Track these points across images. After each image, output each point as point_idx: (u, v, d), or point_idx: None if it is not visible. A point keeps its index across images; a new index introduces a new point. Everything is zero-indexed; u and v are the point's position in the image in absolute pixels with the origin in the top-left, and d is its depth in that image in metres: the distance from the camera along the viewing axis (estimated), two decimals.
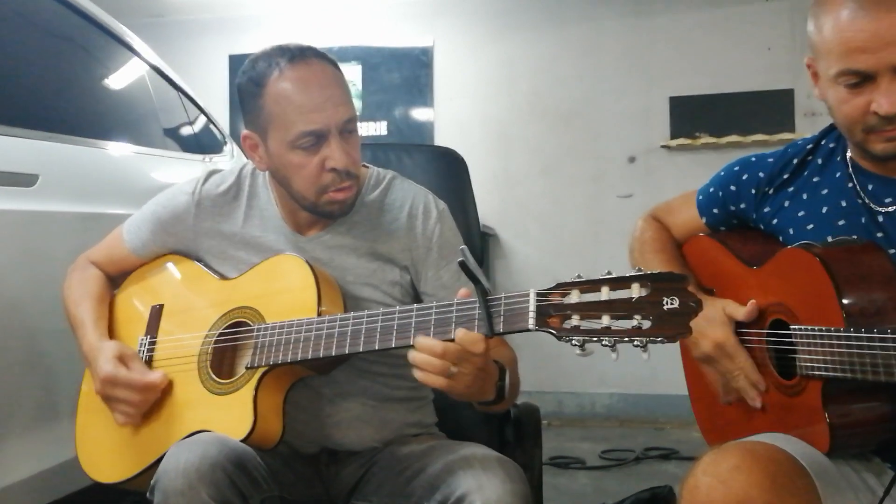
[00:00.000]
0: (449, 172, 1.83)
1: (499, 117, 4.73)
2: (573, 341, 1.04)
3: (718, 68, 4.44)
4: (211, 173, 1.57)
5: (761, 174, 1.44)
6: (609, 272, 1.05)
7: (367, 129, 4.82)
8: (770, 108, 4.37)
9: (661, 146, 4.51)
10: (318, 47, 1.40)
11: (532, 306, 1.08)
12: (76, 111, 2.15)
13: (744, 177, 1.47)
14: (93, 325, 1.49)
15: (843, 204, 1.32)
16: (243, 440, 1.27)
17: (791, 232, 1.38)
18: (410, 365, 1.17)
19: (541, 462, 1.63)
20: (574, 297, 1.06)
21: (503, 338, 1.25)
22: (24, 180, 1.73)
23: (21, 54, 1.99)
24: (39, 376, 1.75)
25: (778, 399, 1.30)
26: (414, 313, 1.21)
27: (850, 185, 1.33)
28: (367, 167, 1.54)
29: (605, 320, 1.03)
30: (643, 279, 1.02)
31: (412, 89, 4.84)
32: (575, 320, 1.05)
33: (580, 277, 1.07)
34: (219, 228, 1.52)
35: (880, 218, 1.29)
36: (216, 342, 1.42)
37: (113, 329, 1.55)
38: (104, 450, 1.48)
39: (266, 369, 1.32)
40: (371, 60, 4.87)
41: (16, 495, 1.65)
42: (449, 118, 4.79)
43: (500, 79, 4.72)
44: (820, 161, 1.39)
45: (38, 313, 1.72)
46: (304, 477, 1.42)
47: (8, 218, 1.66)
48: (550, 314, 1.07)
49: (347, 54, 4.81)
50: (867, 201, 1.30)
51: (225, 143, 2.99)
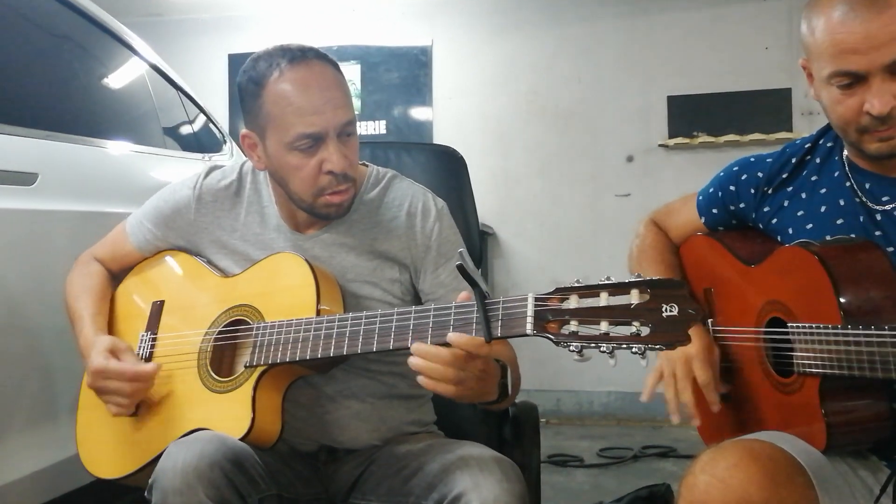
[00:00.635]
0: (448, 171, 1.83)
1: (497, 117, 4.72)
2: (571, 347, 1.03)
3: (716, 68, 4.44)
4: (212, 169, 1.57)
5: (760, 174, 1.44)
6: (608, 277, 1.04)
7: (366, 129, 4.81)
8: (768, 108, 4.36)
9: (659, 145, 4.51)
10: (318, 47, 1.40)
11: (530, 311, 1.08)
12: (75, 110, 2.15)
13: (743, 177, 1.47)
14: (90, 320, 1.49)
15: (842, 203, 1.33)
16: (242, 439, 1.28)
17: (790, 231, 1.38)
18: (410, 365, 1.17)
19: (539, 460, 1.63)
20: (573, 303, 1.05)
21: None
22: (24, 179, 1.73)
23: (20, 53, 1.99)
24: (39, 374, 1.75)
25: (775, 397, 1.31)
26: (412, 316, 1.21)
27: (848, 185, 1.33)
28: (367, 165, 1.54)
29: (604, 326, 1.02)
30: (642, 285, 1.01)
31: (411, 89, 4.84)
32: (573, 326, 1.04)
33: (579, 282, 1.06)
34: (219, 223, 1.52)
35: (878, 216, 1.29)
36: (216, 340, 1.42)
37: (113, 324, 1.55)
38: (104, 446, 1.48)
39: (265, 368, 1.32)
40: (370, 60, 4.86)
41: (16, 493, 1.65)
42: (448, 117, 4.78)
43: (499, 78, 4.72)
44: (818, 160, 1.39)
45: (38, 312, 1.72)
46: (303, 475, 1.42)
47: (7, 217, 1.65)
48: (548, 319, 1.06)
49: (346, 53, 4.81)
50: (865, 200, 1.31)
51: (224, 143, 2.99)
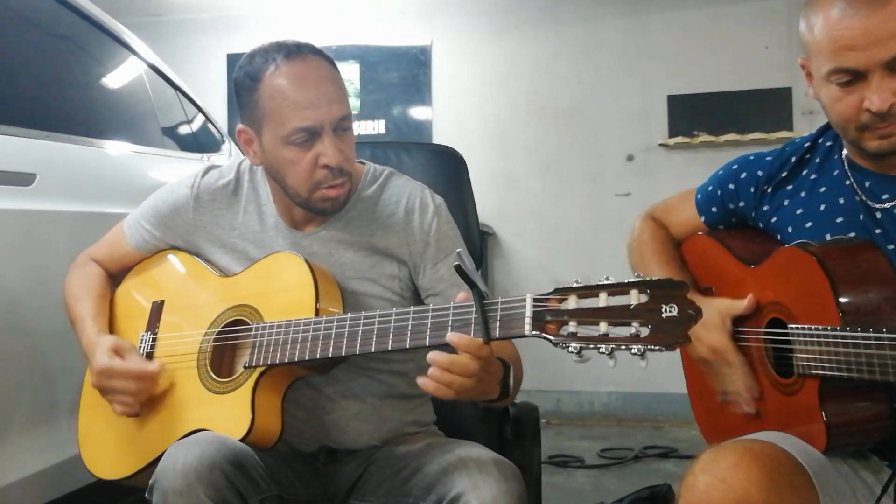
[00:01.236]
0: (448, 171, 1.83)
1: (497, 116, 4.72)
2: (570, 348, 1.03)
3: (716, 67, 4.44)
4: (210, 168, 1.57)
5: (760, 173, 1.44)
6: (608, 278, 1.04)
7: (366, 128, 4.81)
8: (768, 107, 4.36)
9: (660, 145, 4.51)
10: (317, 46, 1.40)
11: (529, 312, 1.07)
12: (74, 110, 2.15)
13: (742, 175, 1.47)
14: (92, 321, 1.49)
15: (842, 201, 1.33)
16: (241, 440, 1.27)
17: (790, 230, 1.38)
18: (410, 364, 1.16)
19: (539, 461, 1.63)
20: (572, 303, 1.04)
21: None
22: (22, 179, 1.73)
23: (19, 53, 1.99)
24: (39, 375, 1.75)
25: (775, 398, 1.30)
26: (410, 316, 1.21)
27: (848, 183, 1.33)
28: (364, 163, 1.54)
29: (603, 327, 1.01)
30: (642, 286, 1.00)
31: (410, 88, 4.84)
32: (572, 326, 1.03)
33: (578, 282, 1.05)
34: (218, 222, 1.52)
35: (878, 215, 1.29)
36: (215, 340, 1.42)
37: (113, 324, 1.55)
38: (105, 446, 1.48)
39: (264, 369, 1.32)
40: (369, 59, 4.86)
41: (16, 494, 1.65)
42: (447, 117, 4.78)
43: (499, 78, 4.72)
44: (818, 159, 1.39)
45: (37, 312, 1.72)
46: (303, 476, 1.42)
47: (6, 217, 1.65)
48: (547, 320, 1.06)
49: (346, 53, 4.80)
50: (865, 198, 1.30)
51: (223, 142, 2.99)
